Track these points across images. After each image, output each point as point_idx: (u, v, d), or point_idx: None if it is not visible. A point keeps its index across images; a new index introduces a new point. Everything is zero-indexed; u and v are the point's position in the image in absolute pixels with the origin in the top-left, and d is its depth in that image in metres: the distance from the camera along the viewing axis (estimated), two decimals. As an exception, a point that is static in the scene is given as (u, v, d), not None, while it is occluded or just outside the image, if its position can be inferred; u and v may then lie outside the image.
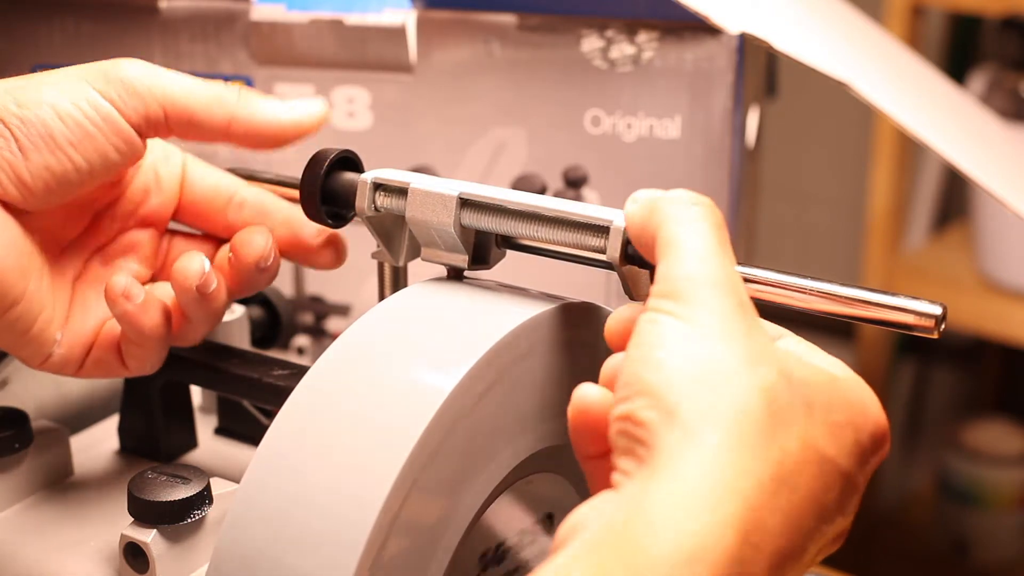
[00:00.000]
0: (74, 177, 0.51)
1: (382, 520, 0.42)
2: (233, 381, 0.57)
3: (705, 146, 0.74)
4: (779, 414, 0.39)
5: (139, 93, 0.52)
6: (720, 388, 0.39)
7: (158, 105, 0.52)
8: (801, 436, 0.39)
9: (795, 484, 0.39)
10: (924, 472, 1.89)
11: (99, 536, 0.54)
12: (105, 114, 0.51)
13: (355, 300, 0.82)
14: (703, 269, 0.42)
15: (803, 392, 0.40)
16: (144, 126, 0.53)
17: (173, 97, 0.53)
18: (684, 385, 0.39)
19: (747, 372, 0.39)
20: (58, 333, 0.54)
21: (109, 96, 0.52)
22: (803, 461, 0.39)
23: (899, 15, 1.49)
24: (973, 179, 0.71)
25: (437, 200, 0.51)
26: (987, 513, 1.68)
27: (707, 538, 0.36)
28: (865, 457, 0.42)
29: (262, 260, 0.55)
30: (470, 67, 0.76)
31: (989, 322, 1.49)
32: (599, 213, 0.48)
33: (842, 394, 0.42)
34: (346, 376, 0.46)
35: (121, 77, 0.52)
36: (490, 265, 0.53)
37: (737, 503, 0.37)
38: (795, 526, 0.39)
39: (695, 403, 0.39)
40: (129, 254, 0.57)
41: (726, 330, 0.40)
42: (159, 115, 0.53)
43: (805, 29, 0.78)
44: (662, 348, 0.40)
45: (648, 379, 0.40)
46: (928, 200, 1.74)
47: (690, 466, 0.37)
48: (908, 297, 0.44)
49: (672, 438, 0.38)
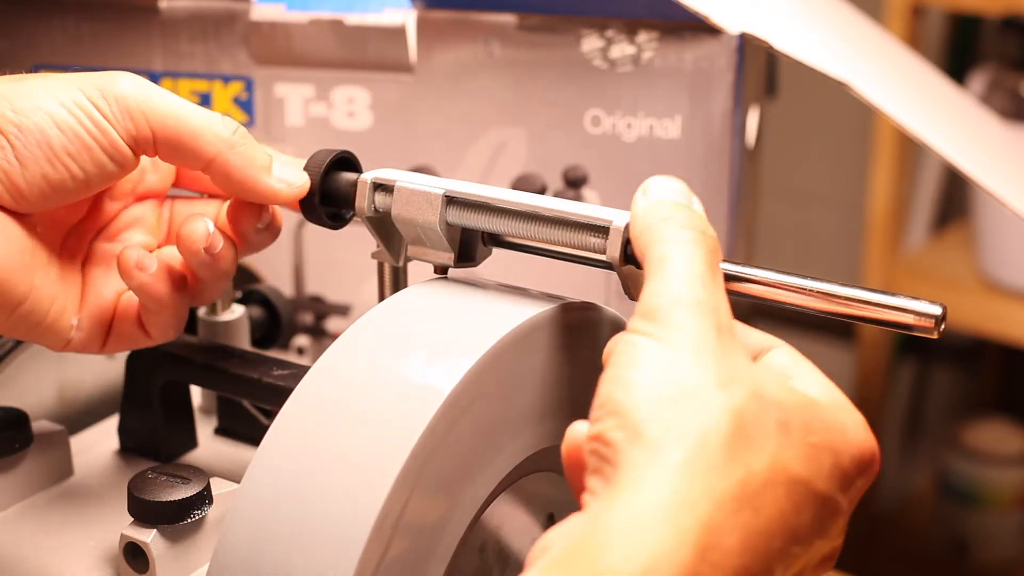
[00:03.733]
0: (71, 185, 0.51)
1: (382, 520, 0.42)
2: (233, 381, 0.57)
3: (705, 146, 0.74)
4: (747, 434, 0.39)
5: (129, 110, 0.51)
6: (687, 407, 0.39)
7: (147, 126, 0.52)
8: (770, 457, 0.39)
9: (759, 505, 0.39)
10: (924, 472, 1.89)
11: (99, 536, 0.54)
12: (102, 128, 0.51)
13: (355, 300, 0.82)
14: (684, 292, 0.42)
15: (777, 413, 0.40)
16: (134, 145, 0.52)
17: (162, 120, 0.52)
18: (651, 404, 0.39)
19: (716, 392, 0.39)
20: (74, 318, 0.54)
21: (104, 111, 0.51)
22: (770, 482, 0.39)
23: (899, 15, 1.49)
24: (973, 179, 0.71)
25: (422, 198, 0.51)
26: (987, 513, 1.68)
27: (662, 552, 0.36)
28: (847, 480, 0.42)
29: (260, 222, 0.55)
30: (470, 67, 0.76)
31: (989, 322, 1.49)
32: (596, 213, 0.48)
33: (822, 417, 0.42)
34: (346, 376, 0.46)
35: (116, 94, 0.51)
36: (476, 262, 0.53)
37: (694, 519, 0.37)
38: (757, 547, 0.38)
39: (661, 422, 0.39)
40: (133, 228, 0.57)
41: (699, 351, 0.40)
42: (147, 136, 0.52)
43: (805, 29, 0.78)
44: (634, 369, 0.40)
45: (618, 399, 0.40)
46: (928, 200, 1.74)
47: (650, 482, 0.38)
48: (908, 297, 0.44)
49: (636, 456, 0.38)
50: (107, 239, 0.57)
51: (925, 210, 1.74)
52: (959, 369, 1.93)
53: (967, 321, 1.50)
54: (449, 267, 0.52)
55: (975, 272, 1.53)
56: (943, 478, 1.73)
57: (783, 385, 0.42)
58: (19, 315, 0.52)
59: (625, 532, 0.37)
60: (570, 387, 0.50)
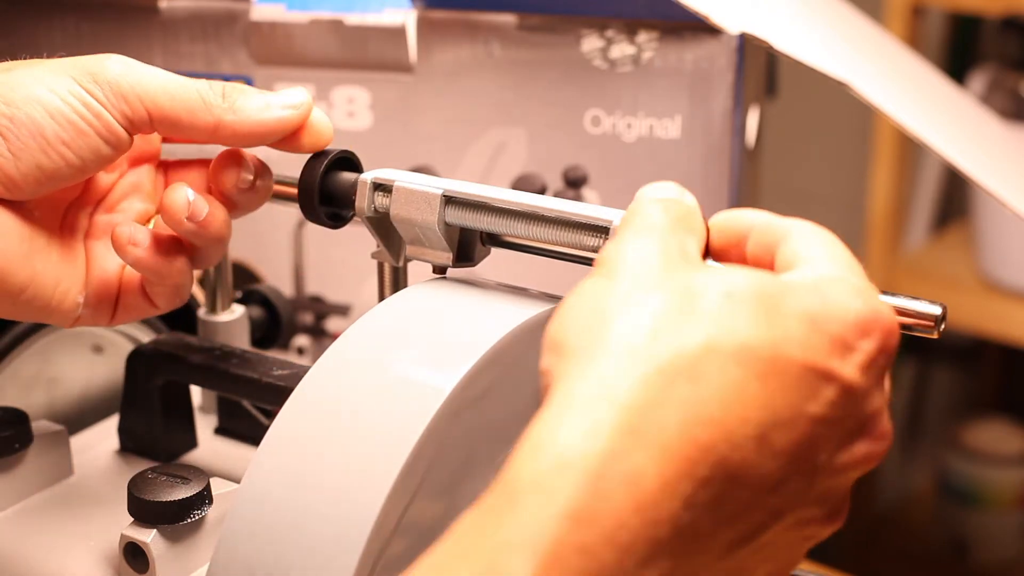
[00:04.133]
0: (66, 172, 0.51)
1: (382, 520, 0.42)
2: (233, 381, 0.57)
3: (705, 146, 0.74)
4: (674, 314, 0.38)
5: (123, 94, 0.51)
6: (610, 315, 0.38)
7: (142, 107, 0.52)
8: (708, 326, 0.37)
9: (696, 373, 0.37)
10: (924, 472, 1.89)
11: (99, 536, 0.54)
12: (97, 112, 0.51)
13: (355, 300, 0.82)
14: (621, 234, 0.42)
15: (721, 287, 0.39)
16: (129, 127, 0.52)
17: (156, 100, 0.52)
18: (577, 323, 0.39)
19: (641, 295, 0.39)
20: (80, 296, 0.54)
21: (97, 96, 0.51)
22: (710, 351, 0.37)
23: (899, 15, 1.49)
24: (973, 179, 0.71)
25: (421, 198, 0.51)
26: (987, 513, 1.68)
27: (574, 443, 0.35)
28: (842, 345, 0.39)
29: (240, 183, 0.55)
30: (470, 67, 0.76)
31: (989, 322, 1.49)
32: (596, 213, 0.48)
33: (797, 288, 0.39)
34: (346, 376, 0.46)
35: (108, 78, 0.51)
36: (475, 262, 0.53)
37: (610, 404, 0.36)
38: (709, 417, 0.36)
39: (584, 333, 0.38)
40: (131, 196, 0.57)
41: (634, 273, 0.40)
42: (143, 117, 0.52)
43: (805, 29, 0.78)
44: (565, 303, 0.40)
45: (551, 331, 0.40)
46: (928, 200, 1.74)
47: (568, 385, 0.37)
48: (908, 297, 0.44)
49: (562, 371, 0.38)
50: (107, 210, 0.56)
51: (925, 210, 1.74)
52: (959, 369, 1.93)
53: (967, 321, 1.51)
54: (448, 267, 0.52)
55: (975, 272, 1.53)
56: (943, 478, 1.73)
57: (738, 271, 0.40)
58: (23, 301, 0.52)
59: (542, 437, 0.36)
60: (570, 387, 0.50)
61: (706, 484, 0.36)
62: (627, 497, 0.35)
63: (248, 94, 0.54)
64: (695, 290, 0.39)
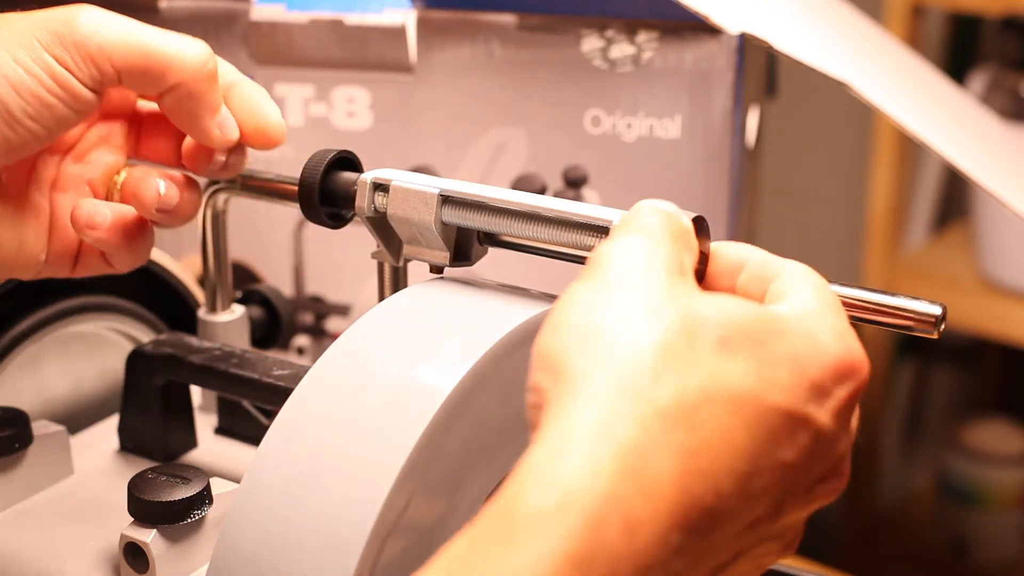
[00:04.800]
0: (32, 142, 0.50)
1: (382, 520, 0.42)
2: (233, 381, 0.57)
3: (705, 146, 0.74)
4: (676, 355, 0.37)
5: (91, 55, 0.50)
6: (611, 336, 0.38)
7: (110, 67, 0.50)
8: (707, 373, 0.37)
9: (694, 422, 0.37)
10: (924, 472, 1.89)
11: (99, 536, 0.54)
12: (62, 82, 0.50)
13: (355, 300, 0.82)
14: (619, 241, 0.41)
15: (717, 331, 0.38)
16: (98, 88, 0.51)
17: (126, 58, 0.50)
18: (574, 340, 0.38)
19: (643, 318, 0.38)
20: (42, 254, 0.54)
21: (64, 62, 0.50)
22: (707, 399, 0.37)
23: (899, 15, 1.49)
24: (973, 179, 0.71)
25: (418, 197, 0.51)
26: (987, 513, 1.68)
27: (576, 483, 0.35)
28: (819, 391, 0.39)
29: (213, 164, 0.54)
30: (470, 67, 0.76)
31: (989, 322, 1.49)
32: (596, 213, 0.48)
33: (783, 328, 0.39)
34: (346, 376, 0.46)
35: (75, 39, 0.50)
36: (472, 262, 0.53)
37: (613, 444, 0.35)
38: (698, 467, 0.36)
39: (583, 355, 0.38)
40: (100, 147, 0.56)
41: (628, 284, 0.39)
42: (112, 77, 0.50)
43: (805, 29, 0.78)
44: (560, 310, 0.39)
45: (543, 343, 0.39)
46: (928, 200, 1.74)
47: (569, 415, 0.36)
48: (908, 297, 0.44)
49: (559, 394, 0.37)
50: (75, 160, 0.55)
51: (925, 210, 1.74)
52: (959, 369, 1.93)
53: (967, 321, 1.50)
54: (445, 267, 0.52)
55: (975, 272, 1.53)
56: (943, 478, 1.73)
57: (732, 304, 0.40)
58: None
59: (541, 471, 0.35)
60: (570, 387, 0.50)
61: (694, 534, 0.36)
62: (624, 544, 0.35)
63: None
64: (694, 327, 0.38)
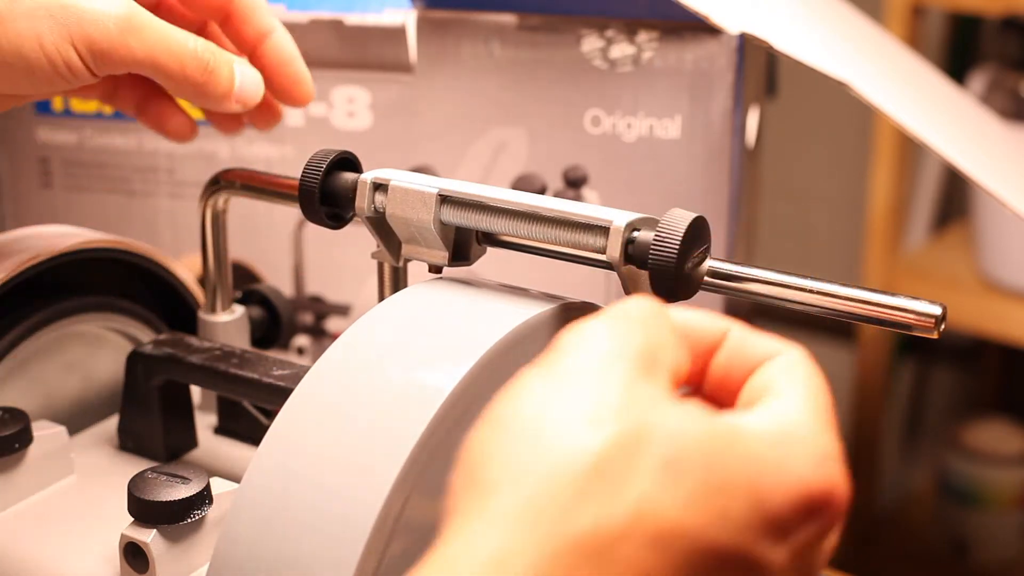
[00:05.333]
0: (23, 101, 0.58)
1: (382, 520, 0.42)
2: (233, 381, 0.57)
3: (705, 146, 0.74)
4: (608, 476, 0.32)
5: (108, 57, 0.54)
6: (538, 444, 0.33)
7: (125, 68, 0.55)
8: (636, 502, 0.32)
9: (609, 560, 0.31)
10: (924, 472, 1.89)
11: (99, 536, 0.54)
12: (77, 72, 0.54)
13: (355, 300, 0.82)
14: (598, 329, 0.36)
15: (666, 450, 0.33)
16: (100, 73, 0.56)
17: (140, 66, 0.55)
18: (497, 440, 0.33)
19: (583, 426, 0.33)
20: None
21: (86, 59, 0.54)
22: (630, 534, 0.32)
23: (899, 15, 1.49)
24: (973, 179, 0.71)
25: (417, 197, 0.51)
26: (987, 513, 1.68)
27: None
28: (778, 527, 0.33)
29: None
30: (470, 67, 0.76)
31: (989, 322, 1.49)
32: (596, 213, 0.48)
33: (747, 451, 0.34)
34: (346, 376, 0.46)
35: (101, 47, 0.54)
36: (471, 262, 0.53)
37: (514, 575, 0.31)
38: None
39: (501, 461, 0.33)
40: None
41: (578, 376, 0.34)
42: (119, 71, 0.56)
43: (805, 29, 0.78)
44: (501, 399, 0.35)
45: (473, 437, 0.34)
46: (928, 200, 1.74)
47: (471, 533, 0.32)
48: (908, 297, 0.44)
49: (466, 503, 0.33)
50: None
51: (925, 210, 1.74)
52: (959, 369, 1.93)
53: (967, 321, 1.50)
54: (443, 266, 0.52)
55: (975, 272, 1.53)
56: (943, 478, 1.73)
57: (691, 416, 0.34)
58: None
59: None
60: (570, 387, 0.50)
61: None
62: None
63: (218, 79, 0.58)
64: (641, 443, 0.33)
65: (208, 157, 0.81)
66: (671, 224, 0.46)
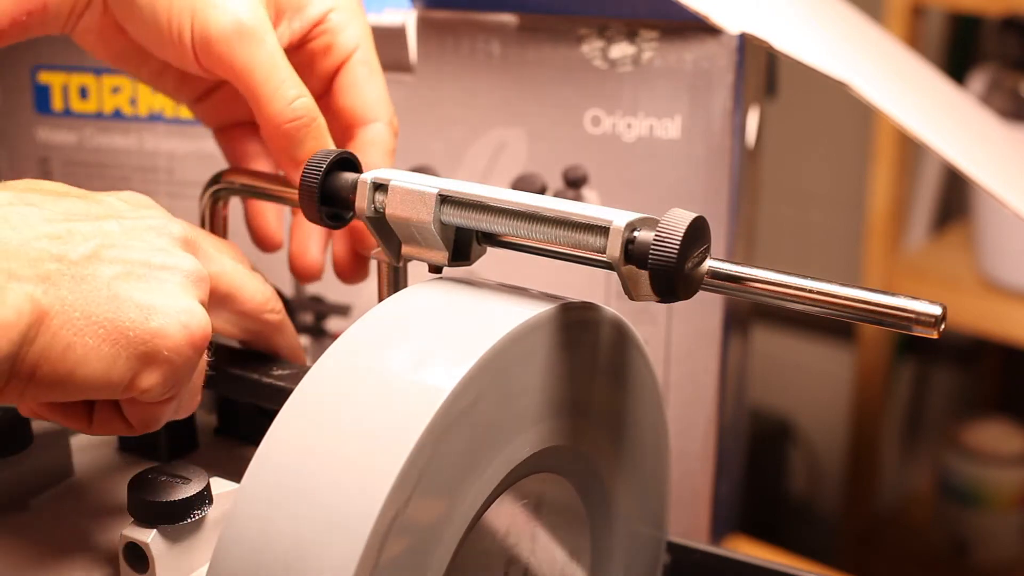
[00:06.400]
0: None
1: (382, 520, 0.42)
2: (233, 381, 0.57)
3: (705, 146, 0.74)
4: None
5: (211, 50, 0.56)
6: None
7: (223, 71, 0.57)
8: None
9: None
10: (924, 472, 1.89)
11: (99, 536, 0.54)
12: (186, 53, 0.57)
13: (355, 300, 0.82)
14: None
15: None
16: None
17: (236, 76, 0.57)
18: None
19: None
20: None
21: (190, 36, 0.56)
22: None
23: (899, 15, 1.49)
24: (973, 179, 0.71)
25: (416, 197, 0.51)
26: (987, 513, 1.68)
27: None
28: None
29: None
30: (470, 67, 0.76)
31: (989, 322, 1.49)
32: (596, 213, 0.48)
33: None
34: (346, 376, 0.46)
35: (204, 24, 0.56)
36: (471, 262, 0.53)
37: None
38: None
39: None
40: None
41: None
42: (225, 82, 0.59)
43: (805, 29, 0.78)
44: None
45: None
46: (928, 200, 1.74)
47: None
48: (908, 297, 0.44)
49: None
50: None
51: (925, 210, 1.74)
52: (959, 369, 1.93)
53: (967, 321, 1.51)
54: (443, 266, 0.52)
55: (975, 272, 1.53)
56: (943, 478, 1.73)
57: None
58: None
59: None
60: (570, 387, 0.50)
61: None
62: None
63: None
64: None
65: (208, 157, 0.81)
66: (671, 224, 0.46)
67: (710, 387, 0.78)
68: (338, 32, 0.60)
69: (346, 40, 0.60)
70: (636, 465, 0.57)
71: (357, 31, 0.60)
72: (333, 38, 0.60)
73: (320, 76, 0.60)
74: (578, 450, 0.52)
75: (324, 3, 0.59)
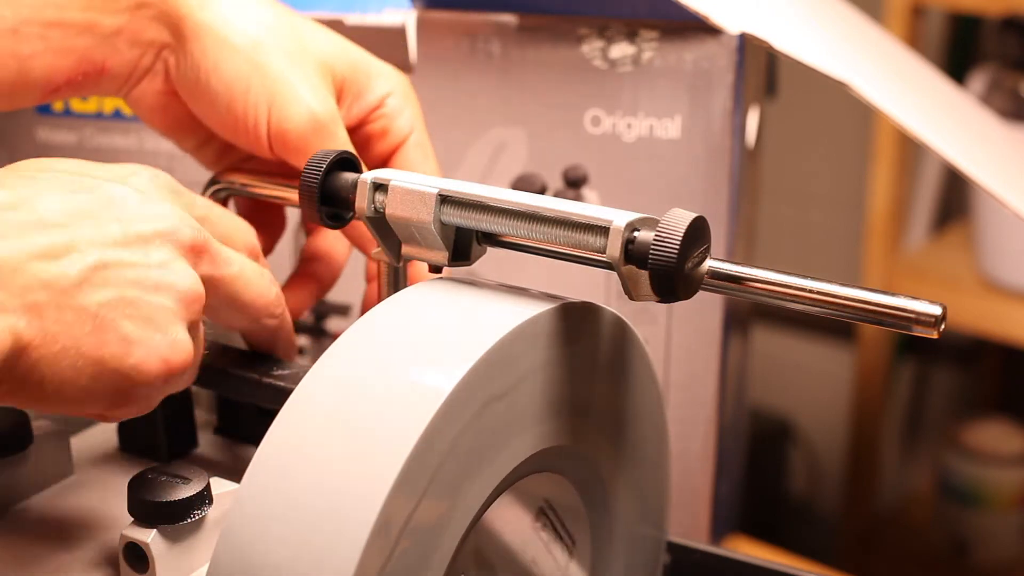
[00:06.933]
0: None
1: (382, 520, 0.42)
2: (233, 381, 0.57)
3: (705, 146, 0.74)
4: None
5: (287, 143, 0.59)
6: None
7: (300, 161, 0.59)
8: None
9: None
10: (924, 472, 1.89)
11: (99, 536, 0.54)
12: (259, 137, 0.59)
13: (355, 300, 0.82)
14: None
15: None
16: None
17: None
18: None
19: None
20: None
21: (266, 124, 0.59)
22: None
23: (899, 15, 1.49)
24: (973, 179, 0.71)
25: (416, 197, 0.51)
26: (987, 513, 1.68)
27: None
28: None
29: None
30: (470, 67, 0.76)
31: (989, 322, 1.49)
32: (596, 213, 0.48)
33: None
34: (346, 376, 0.46)
35: (281, 118, 0.58)
36: (471, 262, 0.53)
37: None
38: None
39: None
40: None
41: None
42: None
43: (805, 29, 0.78)
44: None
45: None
46: (928, 200, 1.74)
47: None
48: (908, 297, 0.44)
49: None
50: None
51: (925, 210, 1.74)
52: (959, 369, 1.93)
53: (967, 321, 1.51)
54: (443, 266, 0.52)
55: (975, 272, 1.53)
56: (943, 478, 1.73)
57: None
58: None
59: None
60: (570, 387, 0.50)
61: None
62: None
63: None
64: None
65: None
66: (671, 224, 0.46)
67: (710, 387, 0.78)
68: (395, 117, 0.62)
69: (402, 124, 0.62)
70: (636, 465, 0.57)
71: (412, 115, 0.62)
72: (390, 122, 0.62)
73: (376, 157, 0.62)
74: (578, 450, 0.52)
75: (382, 88, 0.61)
